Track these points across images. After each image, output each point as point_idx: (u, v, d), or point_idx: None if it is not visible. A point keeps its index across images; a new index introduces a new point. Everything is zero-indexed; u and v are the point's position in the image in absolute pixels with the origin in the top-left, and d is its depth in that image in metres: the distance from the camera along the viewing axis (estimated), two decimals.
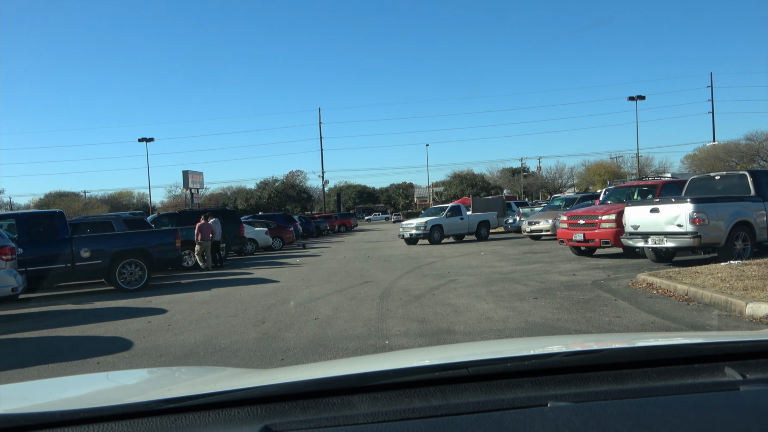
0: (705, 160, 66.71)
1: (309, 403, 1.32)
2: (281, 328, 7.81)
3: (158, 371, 2.94)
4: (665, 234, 11.92)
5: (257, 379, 1.66)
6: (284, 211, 67.57)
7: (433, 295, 10.18)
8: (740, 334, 2.28)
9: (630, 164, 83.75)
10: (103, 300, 12.01)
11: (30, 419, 1.28)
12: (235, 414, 1.28)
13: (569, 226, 15.31)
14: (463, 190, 73.15)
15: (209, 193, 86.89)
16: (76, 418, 1.28)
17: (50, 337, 8.34)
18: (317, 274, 15.17)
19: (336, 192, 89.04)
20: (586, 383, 1.39)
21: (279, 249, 27.68)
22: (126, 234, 13.36)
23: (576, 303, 8.70)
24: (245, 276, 15.77)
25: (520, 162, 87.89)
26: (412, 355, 2.30)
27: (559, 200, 26.14)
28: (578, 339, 3.14)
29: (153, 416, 1.29)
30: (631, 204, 12.80)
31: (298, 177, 79.24)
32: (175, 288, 13.73)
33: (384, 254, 21.11)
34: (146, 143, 67.87)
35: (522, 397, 1.32)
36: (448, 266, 15.31)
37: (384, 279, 13.00)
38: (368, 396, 1.34)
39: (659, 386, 1.36)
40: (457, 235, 26.96)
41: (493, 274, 12.98)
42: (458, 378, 1.41)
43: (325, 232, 46.82)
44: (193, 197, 66.08)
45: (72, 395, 1.80)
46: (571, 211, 15.70)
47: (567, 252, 17.16)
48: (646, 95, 61.37)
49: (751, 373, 1.41)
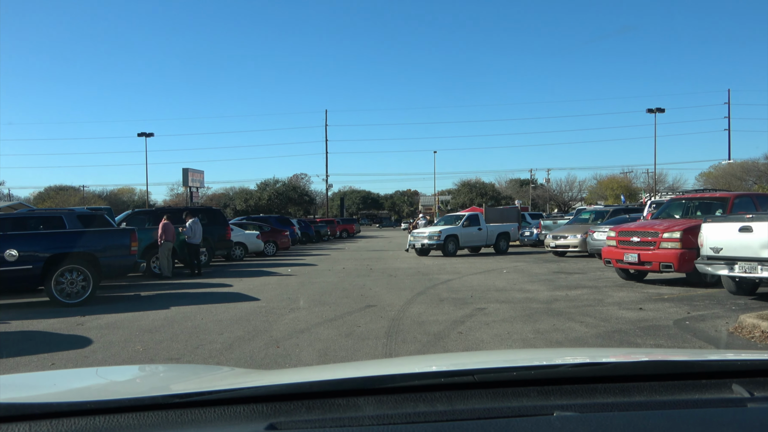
0: (720, 178, 64.99)
1: (314, 403, 1.32)
2: None
3: (162, 367, 3.00)
4: (761, 260, 9.13)
5: (263, 379, 1.65)
6: (283, 214, 64.92)
7: (460, 334, 7.40)
8: (749, 353, 2.45)
9: (642, 180, 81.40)
10: (27, 317, 9.24)
11: (37, 409, 1.29)
12: (240, 411, 1.29)
13: (619, 244, 12.50)
14: (472, 199, 70.15)
15: (211, 193, 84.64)
16: (82, 408, 1.28)
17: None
18: (308, 290, 12.40)
19: (340, 196, 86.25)
20: (593, 395, 1.38)
21: (272, 255, 24.92)
22: (65, 234, 10.53)
23: None
24: (221, 289, 13.01)
25: (529, 173, 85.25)
26: (419, 361, 2.34)
27: (588, 213, 23.33)
28: (588, 351, 3.09)
29: (159, 410, 1.28)
30: (712, 220, 9.99)
31: (302, 180, 76.49)
32: (129, 303, 10.96)
33: (389, 267, 18.32)
34: (146, 138, 65.52)
35: (528, 406, 1.31)
36: (469, 287, 12.54)
37: (391, 303, 10.22)
38: (374, 399, 1.34)
39: (666, 400, 1.36)
40: (474, 247, 24.28)
41: (530, 301, 10.19)
42: (464, 384, 1.40)
43: (325, 237, 44.00)
44: (193, 196, 63.78)
45: (77, 387, 1.85)
46: (622, 226, 12.89)
47: (609, 274, 14.37)
48: (659, 110, 58.25)
49: (758, 390, 1.39)
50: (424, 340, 7.00)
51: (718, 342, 6.87)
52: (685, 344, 6.76)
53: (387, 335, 7.33)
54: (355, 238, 49.67)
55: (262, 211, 63.02)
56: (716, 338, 7.04)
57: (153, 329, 8.06)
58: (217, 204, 78.60)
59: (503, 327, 7.81)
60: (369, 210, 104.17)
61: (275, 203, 68.55)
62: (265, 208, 65.64)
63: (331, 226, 47.45)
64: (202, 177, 65.40)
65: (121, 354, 6.60)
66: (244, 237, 22.47)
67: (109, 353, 6.64)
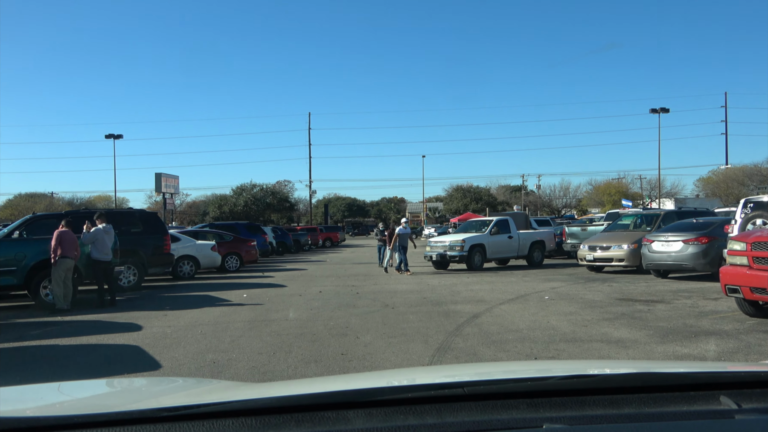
0: (720, 183, 62.56)
1: (304, 416, 1.30)
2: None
3: (150, 380, 2.96)
4: None
5: (252, 392, 1.64)
6: (262, 221, 59.71)
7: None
8: (738, 365, 2.41)
9: (637, 185, 77.91)
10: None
11: (24, 423, 1.29)
12: (229, 425, 1.26)
13: (755, 264, 7.84)
14: (466, 204, 65.53)
15: (191, 200, 79.26)
16: (70, 423, 1.27)
17: None
18: (254, 341, 7.56)
19: (324, 203, 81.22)
20: (582, 407, 1.37)
21: (234, 271, 19.97)
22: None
23: None
24: (113, 339, 8.11)
25: (521, 178, 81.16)
26: (410, 374, 2.39)
27: (629, 217, 18.73)
28: (578, 363, 3.04)
29: (148, 423, 1.27)
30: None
31: (285, 187, 71.18)
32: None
33: (383, 289, 13.52)
34: (114, 140, 60.31)
35: (518, 419, 1.31)
36: (514, 330, 7.82)
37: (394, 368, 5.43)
38: (364, 411, 1.32)
39: (655, 412, 1.35)
40: (502, 258, 19.80)
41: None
42: (454, 397, 1.40)
43: (306, 247, 38.99)
44: (167, 203, 58.55)
45: (66, 399, 1.81)
46: (756, 235, 8.20)
47: (713, 304, 9.77)
48: (663, 111, 54.36)
49: (746, 402, 1.39)
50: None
51: None
52: None
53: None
54: (340, 247, 44.70)
55: (239, 218, 57.56)
56: None
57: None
58: (197, 212, 72.99)
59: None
60: (354, 217, 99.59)
61: (253, 210, 63.22)
62: (242, 214, 60.30)
63: (312, 234, 42.48)
64: (176, 182, 60.07)
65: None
66: (194, 249, 17.48)
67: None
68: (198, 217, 68.02)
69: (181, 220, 66.38)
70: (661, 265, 13.92)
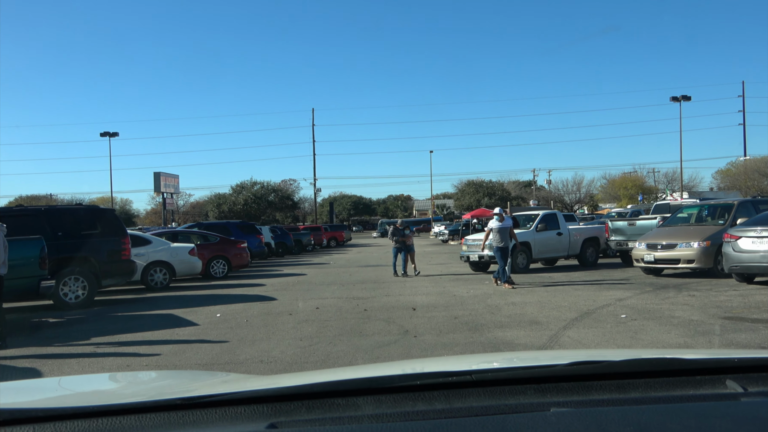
0: (740, 176, 59.38)
1: (314, 403, 1.30)
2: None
3: (162, 373, 2.94)
4: None
5: (263, 383, 1.62)
6: (265, 220, 56.82)
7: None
8: (744, 351, 2.37)
9: (652, 179, 74.73)
10: None
11: (41, 413, 1.28)
12: (241, 412, 1.27)
13: None
14: (479, 199, 62.29)
15: (194, 200, 76.43)
16: (87, 412, 1.27)
17: None
18: None
19: (329, 202, 78.23)
20: (589, 391, 1.37)
21: (221, 277, 17.01)
22: None
23: None
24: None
25: (532, 173, 77.94)
26: (418, 363, 2.33)
27: (692, 209, 15.60)
28: (587, 352, 2.90)
29: (163, 411, 1.27)
30: None
31: (291, 186, 68.07)
32: None
33: (397, 303, 10.51)
34: (110, 138, 57.34)
35: (525, 403, 1.29)
36: None
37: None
38: (373, 398, 1.33)
39: (661, 396, 1.35)
40: (549, 258, 17.05)
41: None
42: (462, 383, 1.39)
43: (309, 247, 36.04)
44: (167, 203, 55.76)
45: (79, 391, 1.86)
46: None
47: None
48: (685, 99, 50.99)
49: (752, 386, 1.38)
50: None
51: None
52: None
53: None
54: (345, 247, 41.69)
55: (239, 217, 54.59)
56: None
57: None
58: (200, 212, 69.54)
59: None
60: (361, 216, 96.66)
61: (253, 208, 60.25)
62: (242, 213, 57.37)
63: (316, 234, 39.53)
64: (176, 182, 57.40)
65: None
66: (167, 253, 14.49)
67: None
68: (201, 217, 65.02)
69: (184, 221, 63.33)
70: (756, 267, 10.85)
